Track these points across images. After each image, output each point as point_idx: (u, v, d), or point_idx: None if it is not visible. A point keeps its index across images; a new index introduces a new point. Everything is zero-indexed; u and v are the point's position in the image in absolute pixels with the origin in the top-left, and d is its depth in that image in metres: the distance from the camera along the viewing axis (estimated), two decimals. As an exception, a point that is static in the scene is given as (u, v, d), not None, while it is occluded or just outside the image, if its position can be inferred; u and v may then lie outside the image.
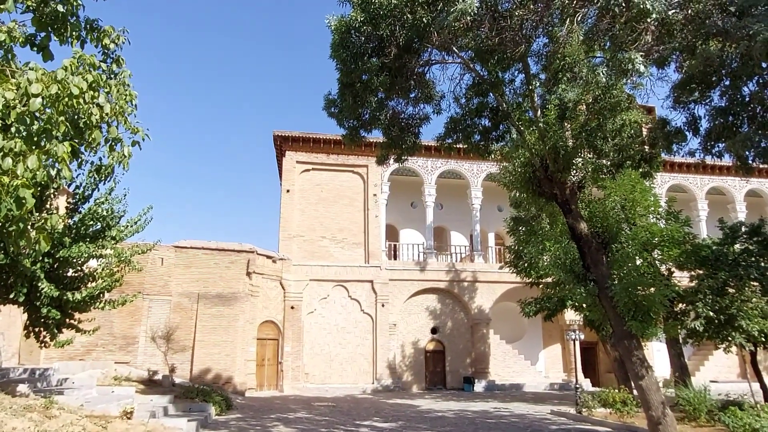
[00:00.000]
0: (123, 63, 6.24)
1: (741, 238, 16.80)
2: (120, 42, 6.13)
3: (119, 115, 5.99)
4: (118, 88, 6.04)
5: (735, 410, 12.20)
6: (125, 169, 6.13)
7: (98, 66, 5.80)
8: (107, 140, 5.85)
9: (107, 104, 5.69)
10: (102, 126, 5.82)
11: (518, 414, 16.94)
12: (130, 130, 6.04)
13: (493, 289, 26.49)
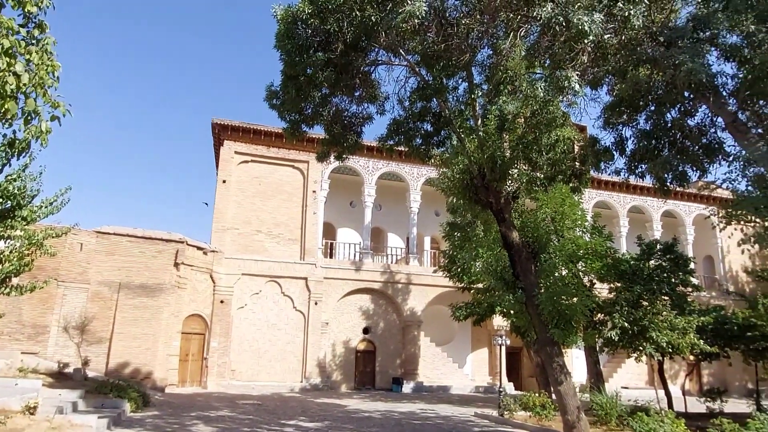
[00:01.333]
0: (47, 29, 5.77)
1: (656, 255, 17.97)
2: (44, 5, 5.66)
3: (38, 87, 5.54)
4: (40, 55, 5.59)
5: (642, 415, 12.98)
6: (43, 146, 5.69)
7: (17, 31, 5.35)
8: (24, 112, 5.42)
9: (25, 73, 5.25)
10: (18, 96, 5.38)
11: (443, 416, 17.23)
12: (50, 104, 5.61)
13: (426, 292, 26.87)
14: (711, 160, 8.83)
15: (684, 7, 8.59)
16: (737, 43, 7.88)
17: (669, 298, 17.07)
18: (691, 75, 6.94)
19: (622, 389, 23.89)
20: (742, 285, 32.43)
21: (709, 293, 30.64)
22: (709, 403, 18.83)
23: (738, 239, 9.75)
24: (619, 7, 7.12)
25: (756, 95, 7.87)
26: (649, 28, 7.90)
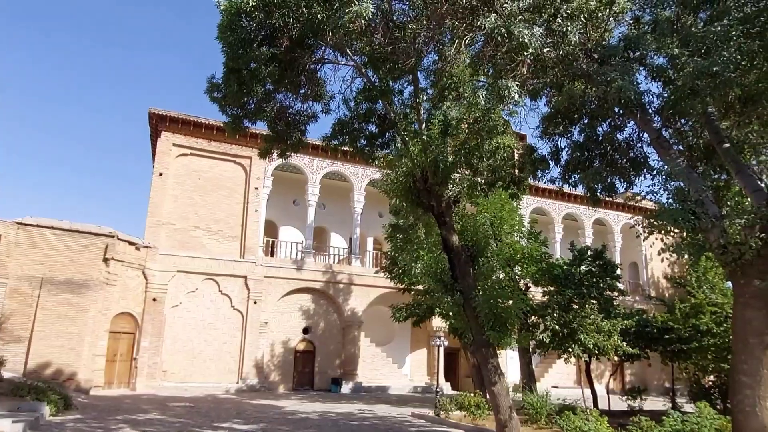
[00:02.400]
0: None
1: (587, 261, 18.86)
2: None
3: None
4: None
5: (569, 414, 13.56)
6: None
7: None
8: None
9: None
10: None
11: (381, 416, 17.30)
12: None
13: (367, 292, 26.91)
14: (637, 173, 9.37)
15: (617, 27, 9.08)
16: (663, 64, 8.41)
17: (597, 302, 17.94)
18: (621, 92, 7.33)
19: (553, 389, 24.94)
20: (662, 291, 34.62)
21: (633, 298, 32.52)
22: (630, 401, 19.95)
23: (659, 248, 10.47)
24: (557, 23, 7.40)
25: (678, 114, 8.43)
26: (585, 45, 8.28)
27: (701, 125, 8.85)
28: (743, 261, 7.33)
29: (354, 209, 27.68)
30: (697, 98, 7.39)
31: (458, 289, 12.84)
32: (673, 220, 7.63)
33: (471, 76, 10.50)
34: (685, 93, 7.33)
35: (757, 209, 7.22)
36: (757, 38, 7.29)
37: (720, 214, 7.70)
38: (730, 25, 7.30)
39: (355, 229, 27.71)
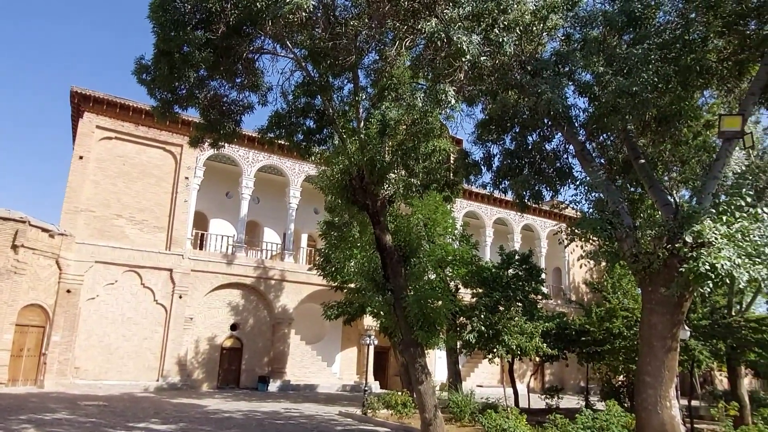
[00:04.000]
0: None
1: (514, 264, 19.58)
2: None
3: None
4: None
5: (491, 412, 14.02)
6: None
7: None
8: None
9: None
10: None
11: (308, 415, 17.14)
12: None
13: (299, 289, 26.57)
14: (562, 182, 9.84)
15: (550, 42, 9.48)
16: (589, 81, 8.88)
17: (522, 304, 18.67)
18: (550, 104, 7.66)
19: (477, 388, 25.74)
20: (582, 295, 36.66)
21: (556, 301, 34.19)
22: (548, 400, 20.95)
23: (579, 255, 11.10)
24: (495, 33, 7.62)
25: (601, 129, 8.94)
26: (519, 57, 8.58)
27: (621, 141, 9.43)
28: (652, 270, 7.86)
29: (289, 204, 27.23)
30: (618, 115, 7.86)
31: (389, 289, 12.94)
32: (592, 229, 8.07)
33: (411, 78, 10.61)
34: (608, 109, 7.78)
35: (666, 222, 7.77)
36: (672, 63, 7.86)
37: (633, 225, 8.23)
38: (650, 49, 7.82)
39: (290, 224, 27.27)
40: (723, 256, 6.88)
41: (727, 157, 8.49)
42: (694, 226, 7.24)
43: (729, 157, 8.67)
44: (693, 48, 7.96)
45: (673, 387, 8.62)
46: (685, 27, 8.16)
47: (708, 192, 8.21)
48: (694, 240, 7.20)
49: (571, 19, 9.07)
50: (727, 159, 8.62)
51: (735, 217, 7.47)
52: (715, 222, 7.31)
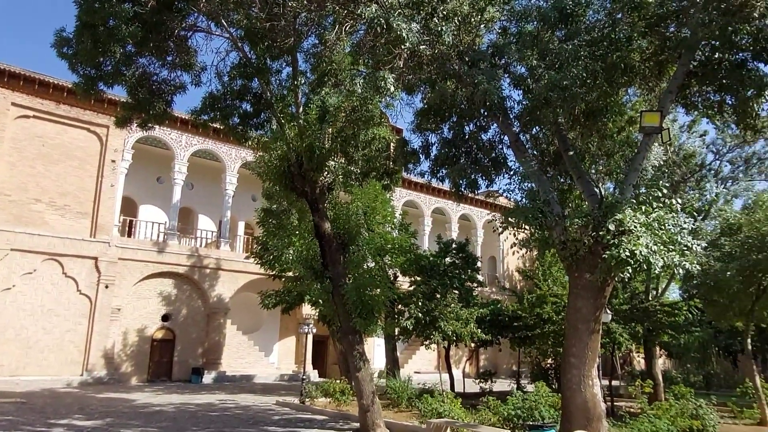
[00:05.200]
0: None
1: (451, 253, 20.05)
2: None
3: None
4: None
5: (427, 397, 14.33)
6: None
7: None
8: None
9: None
10: None
11: (243, 405, 16.85)
12: None
13: (236, 278, 25.93)
14: (497, 172, 10.14)
15: (487, 34, 9.69)
16: (524, 74, 9.17)
17: (458, 292, 19.17)
18: (486, 95, 7.84)
19: (415, 374, 26.23)
20: (515, 283, 38.13)
21: (491, 289, 35.36)
22: (482, 384, 21.69)
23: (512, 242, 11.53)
24: (434, 22, 7.69)
25: (534, 121, 9.26)
26: (458, 47, 8.71)
27: (552, 133, 9.82)
28: (578, 256, 8.28)
29: (225, 191, 26.42)
30: (550, 108, 8.17)
31: (328, 277, 12.90)
32: (524, 217, 8.38)
33: (351, 64, 10.52)
34: (541, 102, 8.06)
35: (591, 211, 8.20)
36: (600, 60, 8.24)
37: (562, 214, 8.62)
38: (580, 45, 8.16)
39: (226, 212, 26.48)
40: (641, 244, 7.34)
41: (647, 151, 9.04)
42: (616, 215, 7.67)
43: (649, 152, 9.24)
44: (619, 47, 8.37)
45: (595, 367, 9.15)
46: (612, 26, 8.56)
47: (629, 183, 8.72)
48: (616, 228, 7.63)
49: (508, 13, 9.30)
50: (647, 153, 9.18)
51: (653, 207, 7.98)
52: (635, 211, 7.78)
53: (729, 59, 8.71)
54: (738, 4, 7.25)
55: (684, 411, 12.86)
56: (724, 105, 9.36)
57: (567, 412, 8.78)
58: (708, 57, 8.87)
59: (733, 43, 8.42)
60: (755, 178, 23.30)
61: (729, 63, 8.66)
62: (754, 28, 8.06)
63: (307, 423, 13.94)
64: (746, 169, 23.11)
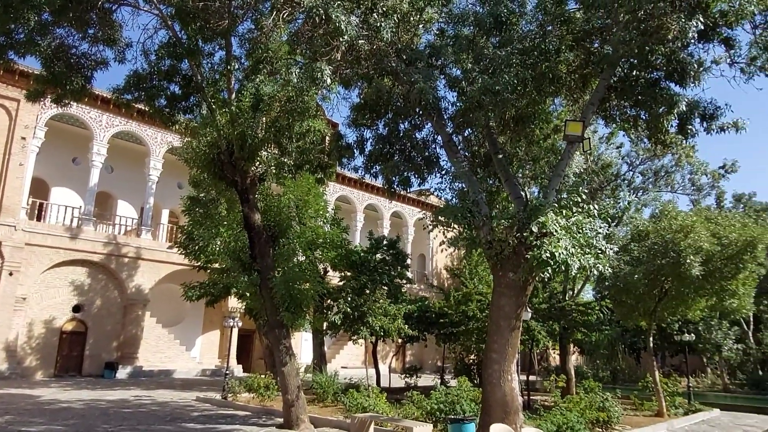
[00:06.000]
0: None
1: (382, 250, 20.20)
2: None
3: None
4: None
5: (353, 392, 14.40)
6: None
7: None
8: None
9: None
10: None
11: (161, 402, 16.13)
12: None
13: (157, 268, 24.71)
14: (429, 170, 10.32)
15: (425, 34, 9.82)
16: (459, 76, 9.38)
17: (388, 288, 19.36)
18: (422, 94, 7.94)
19: (342, 369, 26.24)
20: (443, 281, 39.09)
21: (419, 286, 36.03)
22: (407, 379, 22.07)
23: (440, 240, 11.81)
24: (374, 18, 7.68)
25: (467, 123, 9.51)
26: (396, 45, 8.76)
27: (483, 136, 10.12)
28: (503, 256, 8.59)
29: (149, 176, 25.07)
30: (482, 111, 8.41)
31: (256, 269, 12.62)
32: (454, 216, 8.59)
33: (288, 53, 10.29)
34: (474, 105, 8.28)
35: (517, 213, 8.54)
36: (530, 69, 8.58)
37: (490, 214, 8.90)
38: (512, 53, 8.47)
39: (149, 198, 25.15)
40: (561, 246, 7.73)
41: (569, 159, 9.54)
42: (539, 218, 8.03)
43: (571, 159, 9.76)
44: (548, 57, 8.76)
45: (514, 363, 9.55)
46: (542, 37, 8.95)
47: (552, 188, 9.16)
48: (539, 230, 7.99)
49: (446, 15, 9.46)
50: (570, 160, 9.70)
51: (572, 212, 8.43)
52: (557, 215, 8.18)
53: (645, 77, 9.36)
54: (655, 26, 7.80)
55: (592, 404, 13.74)
56: (639, 120, 10.05)
57: (487, 406, 9.11)
58: (627, 74, 9.48)
59: (649, 63, 9.06)
60: (662, 189, 25.34)
61: (645, 81, 9.30)
62: (668, 50, 8.70)
63: (229, 419, 13.56)
64: (655, 181, 25.06)
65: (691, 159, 24.03)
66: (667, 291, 17.03)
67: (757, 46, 9.21)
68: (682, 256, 15.39)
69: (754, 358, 33.45)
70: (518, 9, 9.09)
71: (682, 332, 22.98)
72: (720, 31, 9.12)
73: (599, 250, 8.14)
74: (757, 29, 9.23)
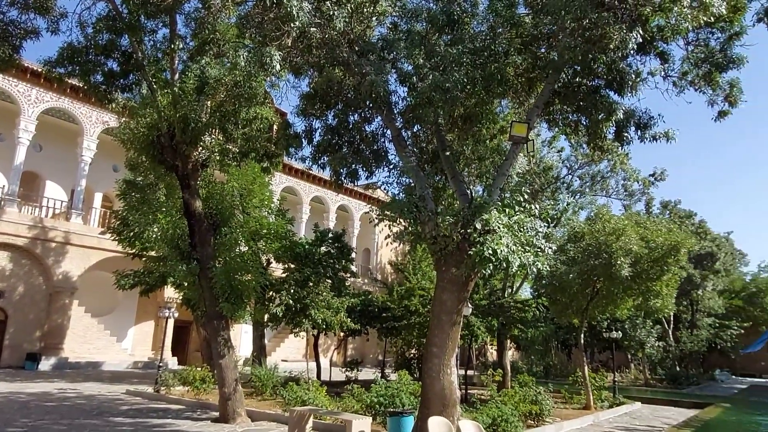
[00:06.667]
0: None
1: (327, 242, 20.04)
2: None
3: None
4: None
5: (292, 385, 14.23)
6: None
7: None
8: None
9: None
10: None
11: (87, 395, 15.33)
12: None
13: (87, 255, 23.42)
14: (378, 164, 10.31)
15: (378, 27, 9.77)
16: (410, 71, 9.41)
17: (332, 281, 19.23)
18: (372, 86, 7.90)
19: (282, 362, 25.92)
20: (387, 275, 39.36)
21: (363, 280, 36.10)
22: (348, 372, 22.06)
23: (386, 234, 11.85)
24: (327, 6, 7.54)
25: (416, 119, 9.56)
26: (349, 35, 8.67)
27: (432, 133, 10.21)
28: (446, 251, 8.71)
29: (82, 157, 23.68)
30: (432, 107, 8.47)
31: (196, 258, 12.22)
32: (400, 211, 8.61)
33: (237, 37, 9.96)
34: (424, 101, 8.32)
35: (462, 210, 8.67)
36: (480, 69, 8.72)
37: (436, 210, 9.00)
38: (463, 52, 8.56)
39: (81, 180, 23.76)
40: (503, 243, 7.91)
41: (513, 159, 9.78)
42: (483, 215, 8.19)
43: (515, 160, 10.01)
44: (497, 59, 8.93)
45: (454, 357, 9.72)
46: (492, 39, 9.11)
47: (497, 187, 9.36)
48: (482, 227, 8.14)
49: (399, 9, 9.46)
50: (514, 161, 9.95)
51: (515, 211, 8.66)
52: (500, 213, 8.37)
53: (587, 84, 9.73)
54: (598, 35, 8.11)
55: (526, 397, 14.25)
56: (580, 125, 10.45)
57: (425, 399, 9.23)
58: (570, 80, 9.82)
59: (592, 70, 9.43)
60: (598, 193, 26.59)
61: (586, 88, 9.67)
62: (609, 59, 9.09)
63: (161, 413, 13.07)
64: (592, 185, 26.26)
65: (625, 166, 25.34)
66: (599, 290, 17.88)
67: (688, 61, 9.79)
68: (613, 258, 16.19)
69: (673, 355, 35.85)
70: (470, 9, 9.20)
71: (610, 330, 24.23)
72: (657, 45, 9.62)
73: (539, 248, 8.39)
74: (690, 45, 9.81)
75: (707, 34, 9.68)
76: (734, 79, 9.67)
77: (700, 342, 38.06)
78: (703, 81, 9.65)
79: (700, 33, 9.65)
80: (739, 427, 15.88)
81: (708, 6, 7.67)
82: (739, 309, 45.67)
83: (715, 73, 9.54)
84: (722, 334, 40.83)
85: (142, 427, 11.02)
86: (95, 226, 24.80)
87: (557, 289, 18.55)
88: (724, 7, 8.16)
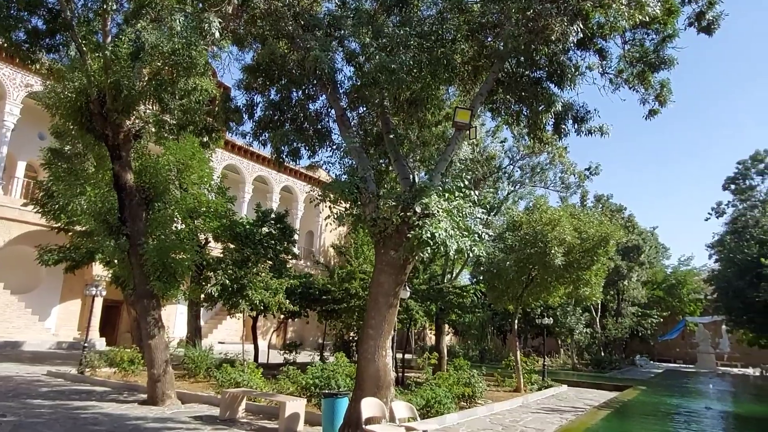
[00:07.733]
0: None
1: (269, 223, 19.66)
2: None
3: None
4: None
5: (227, 367, 13.97)
6: None
7: None
8: None
9: None
10: None
11: (4, 376, 14.43)
12: None
13: (8, 227, 21.85)
14: (321, 144, 10.13)
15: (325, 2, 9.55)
16: (356, 51, 9.27)
17: (272, 262, 18.91)
18: (317, 63, 7.72)
19: (219, 344, 25.35)
20: (330, 258, 39.19)
21: (305, 263, 35.81)
22: (287, 355, 21.87)
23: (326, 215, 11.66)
24: (272, -26, 7.26)
25: (361, 99, 9.45)
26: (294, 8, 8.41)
27: (377, 115, 10.14)
28: (386, 234, 8.71)
29: (3, 122, 21.98)
30: (377, 88, 8.39)
31: (125, 233, 11.67)
32: (341, 191, 8.52)
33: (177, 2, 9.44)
34: (369, 81, 8.23)
35: (403, 193, 8.69)
36: (427, 53, 8.71)
37: (377, 193, 8.97)
38: (411, 35, 8.52)
39: (2, 147, 22.07)
40: (441, 227, 8.01)
41: (456, 145, 9.89)
42: (423, 199, 8.24)
43: (458, 146, 10.13)
44: (444, 44, 8.95)
45: (389, 339, 9.80)
46: (440, 23, 9.11)
47: (438, 172, 9.44)
48: (422, 211, 8.20)
49: (348, -13, 9.28)
50: (457, 147, 10.06)
51: (455, 196, 8.77)
52: (440, 197, 8.45)
53: (529, 75, 9.95)
54: (541, 26, 8.29)
55: (460, 380, 14.66)
56: (521, 115, 10.69)
57: (360, 380, 9.26)
58: (514, 70, 10.00)
59: (534, 62, 9.64)
60: (537, 184, 27.52)
61: (528, 78, 9.89)
62: (551, 51, 9.32)
63: (84, 395, 12.47)
64: (531, 176, 27.14)
65: (563, 159, 26.32)
66: (534, 278, 18.58)
67: (624, 60, 10.20)
68: (548, 247, 16.83)
69: (599, 341, 37.97)
70: (420, -9, 9.16)
71: (543, 316, 25.29)
72: (596, 41, 9.96)
73: (477, 234, 8.56)
74: (627, 45, 10.22)
75: (643, 35, 10.11)
76: (665, 80, 10.18)
77: (623, 329, 40.53)
78: (637, 80, 10.08)
79: (636, 33, 10.06)
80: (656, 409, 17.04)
81: (644, 5, 7.98)
82: (660, 299, 48.97)
83: (648, 72, 9.99)
84: (643, 322, 43.68)
85: (62, 410, 10.48)
86: (17, 197, 23.16)
87: (494, 276, 19.10)
88: (659, 8, 8.53)
